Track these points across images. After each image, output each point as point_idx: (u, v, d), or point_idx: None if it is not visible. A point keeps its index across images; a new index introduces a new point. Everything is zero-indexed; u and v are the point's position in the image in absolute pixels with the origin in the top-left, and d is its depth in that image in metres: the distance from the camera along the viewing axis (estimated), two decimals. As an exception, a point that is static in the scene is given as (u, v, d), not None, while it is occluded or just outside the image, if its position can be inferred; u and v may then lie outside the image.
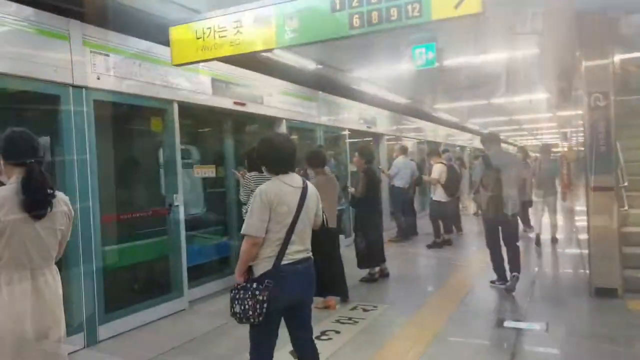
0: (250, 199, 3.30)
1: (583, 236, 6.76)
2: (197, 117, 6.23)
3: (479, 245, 6.71)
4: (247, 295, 2.62)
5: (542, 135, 36.03)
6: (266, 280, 2.64)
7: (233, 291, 2.72)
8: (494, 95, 12.99)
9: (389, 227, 10.94)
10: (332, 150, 9.48)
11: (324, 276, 4.11)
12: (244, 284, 2.69)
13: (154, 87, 4.94)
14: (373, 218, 6.50)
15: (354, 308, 5.28)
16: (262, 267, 2.71)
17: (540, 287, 6.11)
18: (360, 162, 6.40)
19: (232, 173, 5.97)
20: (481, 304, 5.52)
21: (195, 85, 5.51)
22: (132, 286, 5.14)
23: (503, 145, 6.45)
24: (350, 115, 9.69)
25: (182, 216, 5.25)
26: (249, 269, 2.75)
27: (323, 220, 3.03)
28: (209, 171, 6.09)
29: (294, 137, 8.20)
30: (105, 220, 4.43)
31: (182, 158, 5.40)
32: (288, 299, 2.76)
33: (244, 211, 4.92)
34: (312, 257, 2.91)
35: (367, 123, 10.40)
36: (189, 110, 5.61)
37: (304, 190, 2.82)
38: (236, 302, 2.65)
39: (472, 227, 10.95)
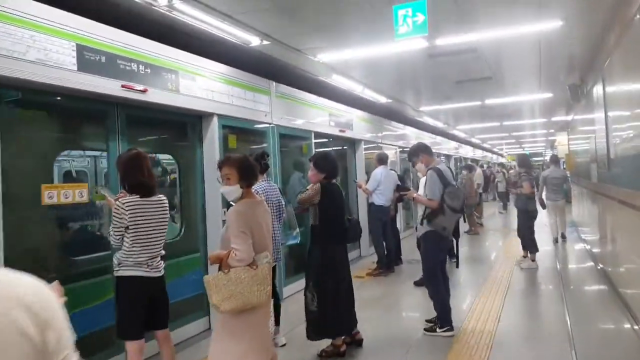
0: None
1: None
2: (53, 108, 3.96)
3: (482, 275, 4.87)
4: None
5: (526, 143, 34.48)
6: None
7: None
8: (488, 94, 11.05)
9: (367, 254, 8.90)
10: (289, 160, 7.33)
11: None
12: None
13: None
14: (334, 261, 4.23)
15: None
16: None
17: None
18: (317, 177, 4.24)
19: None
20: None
21: (43, 54, 3.33)
22: None
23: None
24: (319, 117, 7.55)
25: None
26: None
27: None
28: (77, 192, 3.82)
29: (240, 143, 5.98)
30: None
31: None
32: None
33: None
34: None
35: (341, 126, 8.25)
36: (31, 96, 3.43)
37: None
38: None
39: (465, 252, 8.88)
